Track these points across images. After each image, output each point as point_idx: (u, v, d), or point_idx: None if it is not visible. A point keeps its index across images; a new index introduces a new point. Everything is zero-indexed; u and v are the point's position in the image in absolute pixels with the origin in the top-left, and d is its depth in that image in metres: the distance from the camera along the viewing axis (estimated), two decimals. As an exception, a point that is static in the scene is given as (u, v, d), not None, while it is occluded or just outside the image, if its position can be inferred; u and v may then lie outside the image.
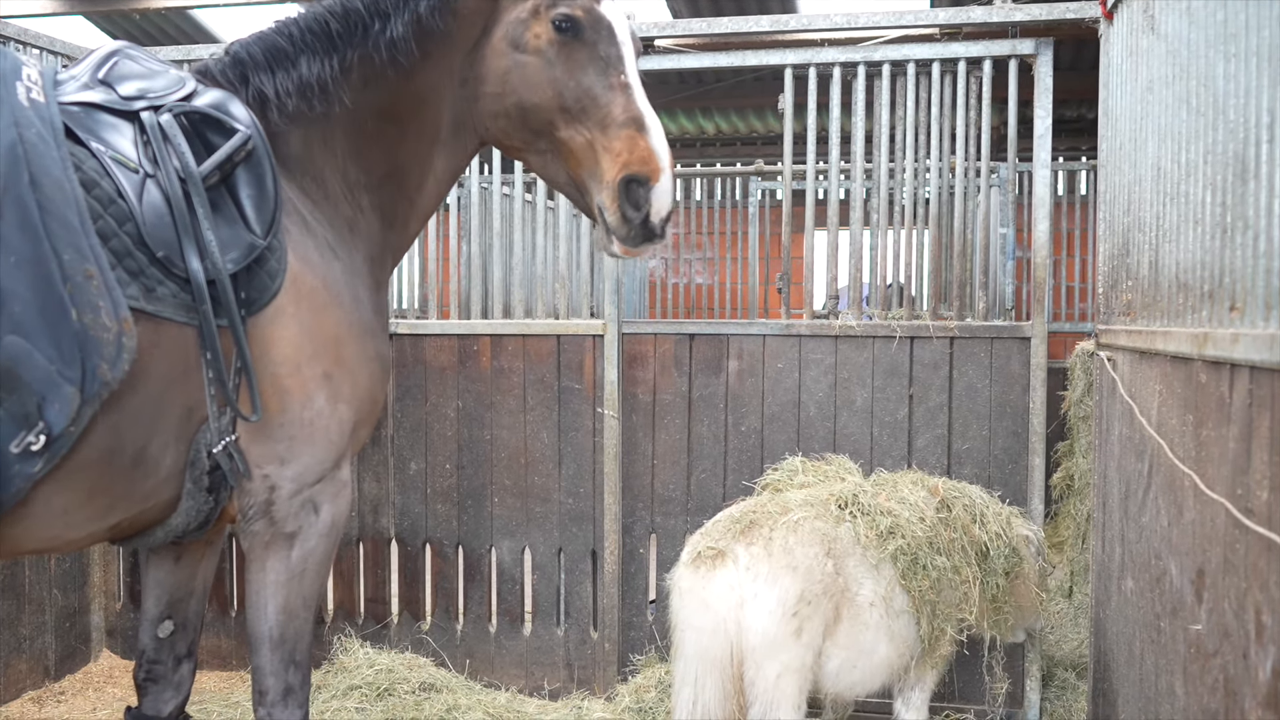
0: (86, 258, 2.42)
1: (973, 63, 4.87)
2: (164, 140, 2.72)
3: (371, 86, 3.08)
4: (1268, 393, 2.33)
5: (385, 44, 3.04)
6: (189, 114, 2.80)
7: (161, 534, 2.85)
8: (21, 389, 2.32)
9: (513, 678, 5.21)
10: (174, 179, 2.67)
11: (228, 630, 5.41)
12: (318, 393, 2.87)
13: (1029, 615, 4.10)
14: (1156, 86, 3.53)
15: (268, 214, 2.78)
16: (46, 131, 2.53)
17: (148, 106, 2.78)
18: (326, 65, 3.02)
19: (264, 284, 2.78)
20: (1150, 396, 3.45)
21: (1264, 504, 2.34)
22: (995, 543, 3.78)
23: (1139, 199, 3.78)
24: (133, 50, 3.00)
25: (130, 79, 2.86)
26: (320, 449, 2.89)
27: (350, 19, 3.05)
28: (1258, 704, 2.38)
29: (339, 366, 2.92)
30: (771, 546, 3.45)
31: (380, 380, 3.10)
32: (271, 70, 3.02)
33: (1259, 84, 2.49)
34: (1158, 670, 3.30)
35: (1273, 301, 2.36)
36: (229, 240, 2.71)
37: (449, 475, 5.26)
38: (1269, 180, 2.40)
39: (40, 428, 2.34)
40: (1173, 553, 3.13)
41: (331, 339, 2.92)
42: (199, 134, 2.80)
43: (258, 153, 2.82)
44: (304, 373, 2.85)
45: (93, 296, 2.41)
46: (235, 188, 2.79)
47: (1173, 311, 3.25)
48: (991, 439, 4.85)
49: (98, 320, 2.40)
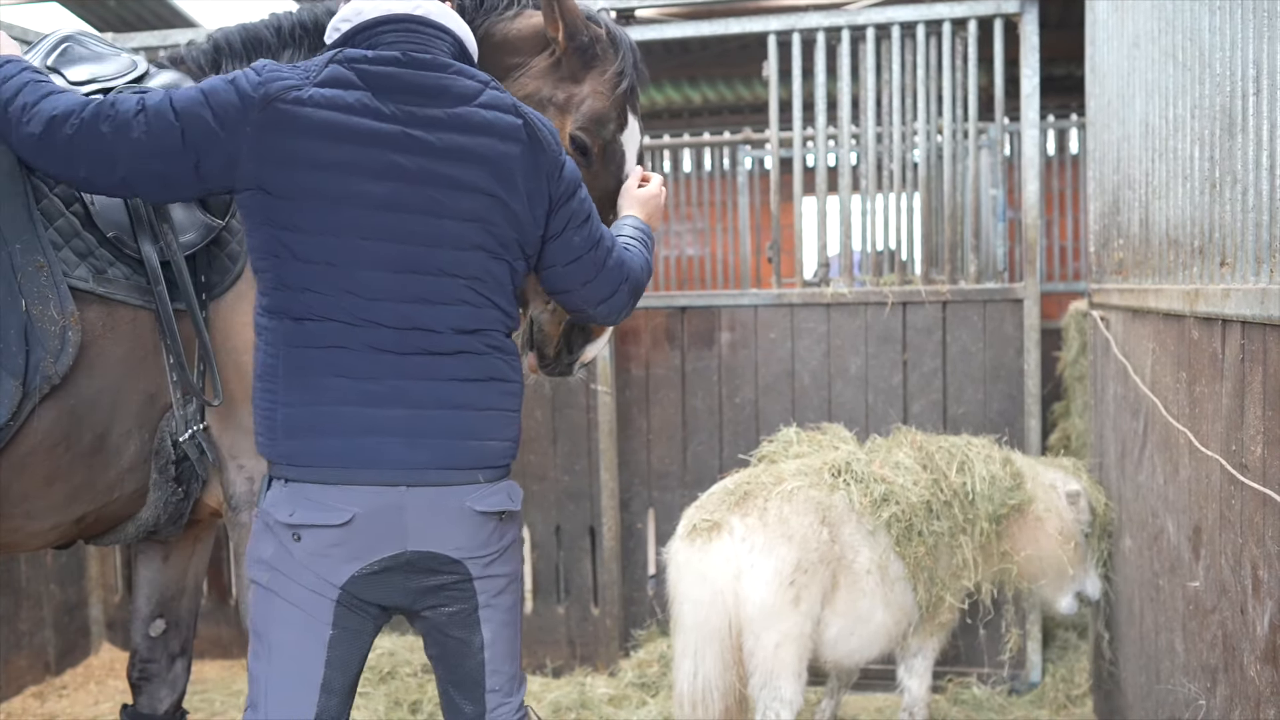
0: (36, 250, 2.42)
1: (958, 23, 4.83)
2: None
3: None
4: (1259, 347, 2.31)
5: None
6: None
7: (133, 529, 2.80)
8: None
9: (515, 656, 5.21)
10: None
11: (228, 619, 5.40)
12: None
13: (1053, 569, 3.81)
14: (1143, 41, 3.49)
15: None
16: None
17: (98, 90, 2.73)
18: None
19: (225, 267, 2.74)
20: (1144, 355, 3.43)
21: (1258, 459, 2.33)
22: (981, 486, 3.69)
23: (1128, 156, 3.76)
24: (84, 35, 2.95)
25: (81, 63, 2.82)
26: None
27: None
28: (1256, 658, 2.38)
29: None
30: (767, 517, 3.44)
31: None
32: (248, 59, 2.95)
33: (1244, 35, 2.46)
34: (1157, 628, 3.30)
35: (1263, 255, 2.34)
36: (185, 222, 2.67)
37: (444, 456, 5.24)
38: (1256, 133, 2.37)
39: None
40: (1169, 510, 3.12)
41: None
42: None
43: None
44: None
45: (42, 288, 2.41)
46: None
47: (1164, 269, 3.23)
48: (987, 402, 4.84)
49: (45, 313, 2.41)
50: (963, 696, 4.64)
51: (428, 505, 2.23)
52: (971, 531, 3.67)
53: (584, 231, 2.43)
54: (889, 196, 5.18)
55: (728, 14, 5.71)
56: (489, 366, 2.29)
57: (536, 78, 2.89)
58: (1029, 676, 4.80)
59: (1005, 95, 4.90)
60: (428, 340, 2.22)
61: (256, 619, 2.25)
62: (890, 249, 5.38)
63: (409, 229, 2.19)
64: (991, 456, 3.80)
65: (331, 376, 2.18)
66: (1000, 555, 3.78)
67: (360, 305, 2.17)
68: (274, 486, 2.23)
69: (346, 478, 2.19)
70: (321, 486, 2.19)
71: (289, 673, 2.22)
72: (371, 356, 2.19)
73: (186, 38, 5.24)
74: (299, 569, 2.19)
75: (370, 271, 2.18)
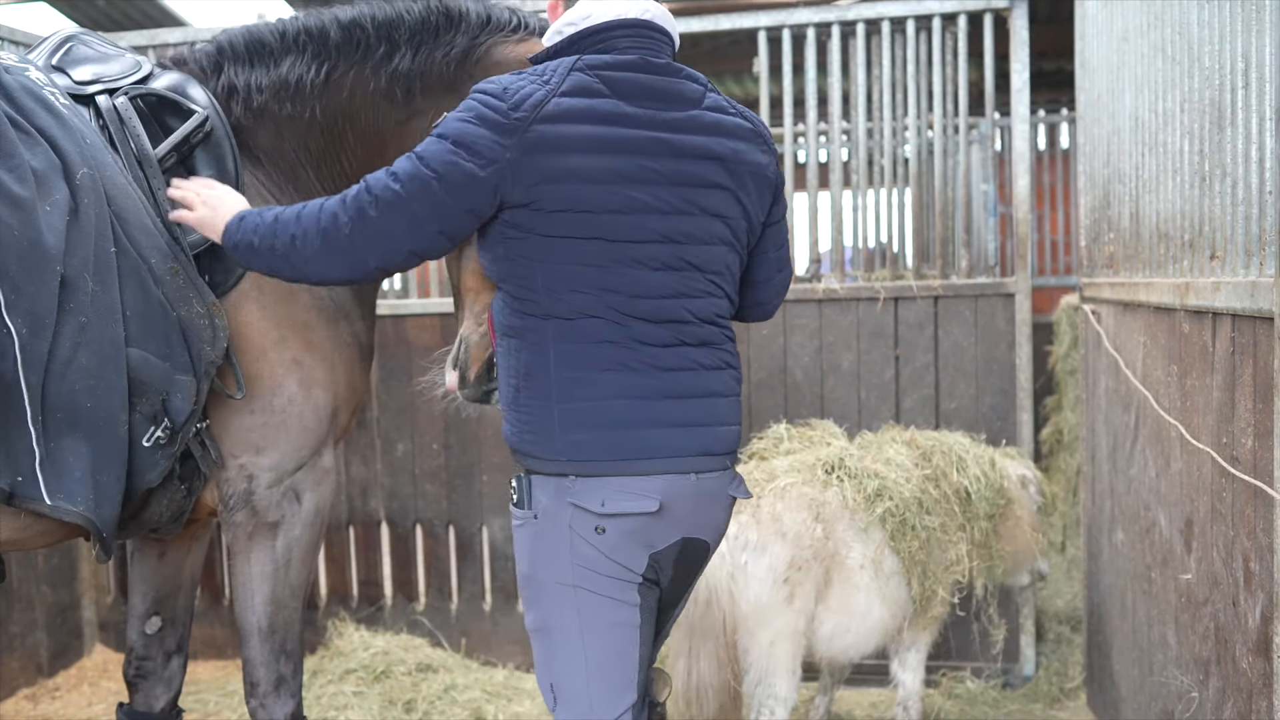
0: (168, 256, 2.62)
1: (948, 18, 4.82)
2: (120, 123, 2.72)
3: (359, 102, 2.98)
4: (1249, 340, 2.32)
5: (387, 73, 2.92)
6: (144, 96, 2.79)
7: (135, 527, 2.83)
8: (149, 392, 2.57)
9: (509, 654, 5.21)
10: (131, 161, 2.69)
11: (221, 619, 5.39)
12: (288, 379, 2.84)
13: (1025, 557, 4.01)
14: (1132, 36, 3.50)
15: None
16: (93, 137, 2.63)
17: (103, 90, 2.78)
18: (312, 70, 2.96)
19: (229, 267, 2.76)
20: (1135, 348, 3.44)
21: (1249, 451, 2.34)
22: (975, 485, 3.73)
23: (1118, 150, 3.76)
24: (88, 35, 2.98)
25: (85, 63, 2.85)
26: (296, 436, 2.85)
27: (353, 33, 2.98)
28: (1249, 650, 2.38)
29: (310, 352, 2.88)
30: (760, 514, 3.44)
31: (359, 365, 3.05)
32: (251, 65, 2.98)
33: (1233, 29, 2.47)
34: (1150, 620, 3.31)
35: (1252, 248, 2.35)
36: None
37: (437, 455, 5.24)
38: (1245, 126, 2.38)
39: (165, 424, 2.60)
40: (1161, 503, 3.13)
41: (300, 324, 2.88)
42: (156, 117, 2.79)
43: (216, 134, 2.81)
44: (271, 358, 2.82)
45: (182, 290, 2.63)
46: (194, 169, 2.79)
47: (1154, 262, 3.23)
48: (979, 397, 4.84)
49: (192, 310, 2.63)
50: (956, 691, 4.65)
51: (706, 493, 2.34)
52: (970, 530, 3.72)
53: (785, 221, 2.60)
54: (880, 192, 5.17)
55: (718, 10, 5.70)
56: (728, 355, 2.40)
57: None
58: (1022, 670, 4.80)
59: (996, 90, 4.90)
60: (681, 332, 2.31)
61: (558, 618, 2.31)
62: (882, 244, 5.38)
63: (666, 228, 2.27)
64: (980, 456, 3.85)
65: (604, 372, 2.26)
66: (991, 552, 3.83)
67: (623, 302, 2.25)
68: (554, 484, 2.27)
69: (649, 468, 2.26)
70: (628, 478, 2.25)
71: (608, 663, 2.32)
72: (638, 351, 2.27)
73: (176, 37, 5.23)
74: (603, 561, 2.27)
75: (632, 270, 2.25)
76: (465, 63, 2.88)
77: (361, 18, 2.99)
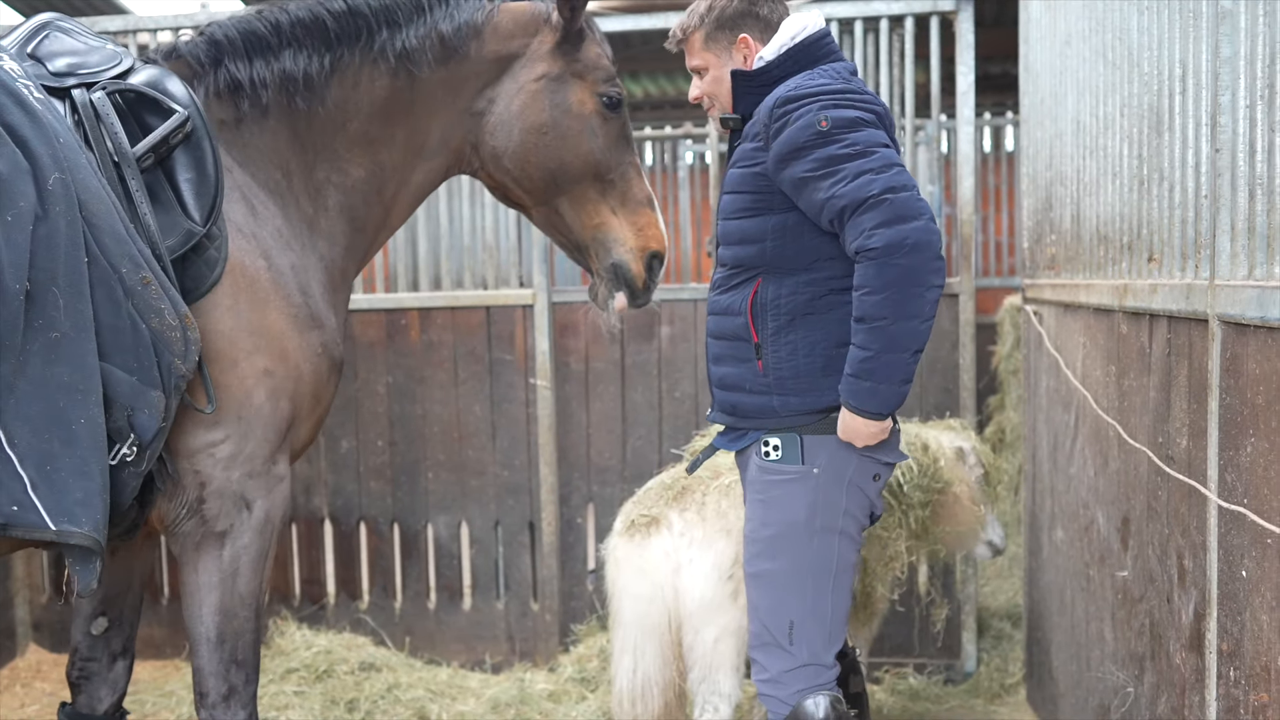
0: (140, 265, 2.47)
1: (895, 20, 4.86)
2: (96, 120, 2.59)
3: (365, 89, 3.06)
4: (1185, 342, 2.36)
5: (394, 52, 3.04)
6: (123, 92, 2.66)
7: None
8: (115, 408, 2.44)
9: (454, 653, 5.18)
10: (107, 162, 2.56)
11: (160, 619, 5.30)
12: (256, 389, 2.75)
13: (969, 535, 3.97)
14: (1074, 40, 3.55)
15: (208, 199, 2.66)
16: (67, 135, 2.49)
17: (79, 84, 2.64)
18: (316, 61, 2.98)
19: (202, 273, 2.67)
20: (1075, 349, 3.49)
21: (1184, 451, 2.38)
22: (906, 475, 3.71)
23: (1060, 153, 3.81)
24: (66, 23, 2.83)
25: (62, 55, 2.71)
26: (253, 444, 2.76)
27: (353, 21, 3.02)
28: (1182, 646, 2.43)
29: (282, 362, 2.80)
30: (705, 511, 3.44)
31: (325, 376, 2.96)
32: (249, 58, 2.94)
33: (1171, 35, 2.51)
34: (1088, 617, 3.36)
35: (1189, 252, 2.39)
36: (165, 227, 2.60)
37: (381, 452, 5.19)
38: (1182, 131, 2.42)
39: (131, 439, 2.48)
40: (1099, 502, 3.18)
41: (275, 333, 2.80)
42: (135, 114, 2.67)
43: (197, 134, 2.69)
44: (241, 368, 2.73)
45: (153, 301, 2.48)
46: (172, 171, 2.66)
47: (1094, 264, 3.28)
48: (923, 395, 4.88)
49: (164, 322, 2.49)
50: (899, 687, 4.69)
51: None
52: (905, 521, 3.71)
53: None
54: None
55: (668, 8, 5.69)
56: None
57: (545, 59, 3.21)
58: (964, 666, 4.86)
59: (942, 92, 4.95)
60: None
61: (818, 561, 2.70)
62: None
63: None
64: (912, 443, 3.82)
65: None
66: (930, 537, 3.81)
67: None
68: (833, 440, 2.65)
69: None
70: (896, 431, 2.74)
71: (840, 603, 2.76)
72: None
73: (117, 25, 5.12)
74: (866, 504, 2.75)
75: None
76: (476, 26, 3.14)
77: (359, 5, 3.03)
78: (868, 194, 2.42)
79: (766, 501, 2.74)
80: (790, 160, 2.55)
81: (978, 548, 4.08)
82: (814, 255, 2.65)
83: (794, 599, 2.71)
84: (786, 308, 2.67)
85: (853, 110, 2.53)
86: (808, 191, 2.54)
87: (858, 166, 2.45)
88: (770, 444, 2.71)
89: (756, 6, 2.77)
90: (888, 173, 2.44)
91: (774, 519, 2.72)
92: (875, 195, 2.41)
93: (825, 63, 2.71)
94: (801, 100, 2.55)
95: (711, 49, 2.81)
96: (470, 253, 5.29)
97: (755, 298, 2.71)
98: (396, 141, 3.15)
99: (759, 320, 2.71)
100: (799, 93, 2.57)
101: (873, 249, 2.40)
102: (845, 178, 2.45)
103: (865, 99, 2.59)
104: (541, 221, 3.44)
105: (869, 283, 2.43)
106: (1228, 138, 2.13)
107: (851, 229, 2.46)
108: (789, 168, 2.56)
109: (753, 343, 2.72)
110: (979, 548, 4.08)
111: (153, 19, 5.14)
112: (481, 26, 3.15)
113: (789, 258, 2.67)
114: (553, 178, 3.26)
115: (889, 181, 2.42)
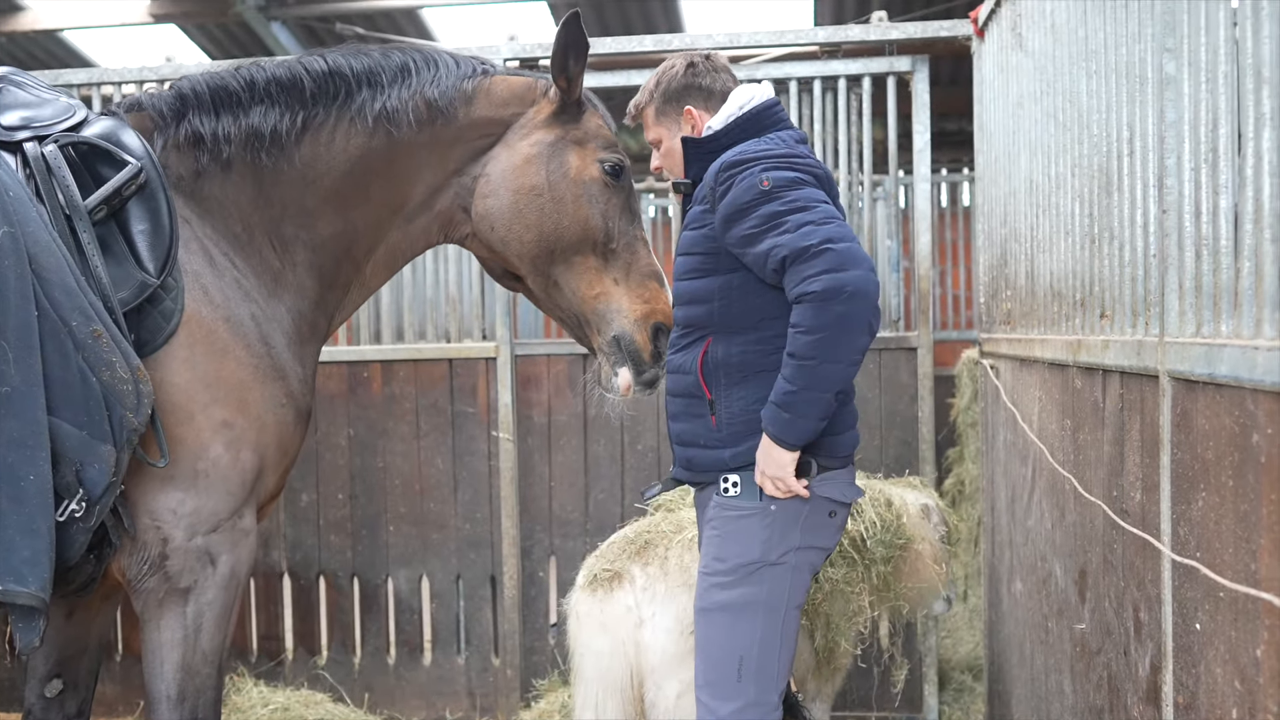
0: (90, 318, 2.46)
1: (853, 80, 4.96)
2: (48, 173, 2.58)
3: (340, 148, 3.03)
4: (1137, 397, 2.40)
5: (373, 112, 3.02)
6: (76, 145, 2.67)
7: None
8: (63, 463, 2.43)
9: (414, 709, 5.11)
10: (59, 215, 2.55)
11: (113, 676, 5.19)
12: (214, 441, 2.72)
13: (929, 592, 3.99)
14: (1026, 102, 3.63)
15: (162, 251, 2.66)
16: (17, 189, 2.49)
17: (32, 137, 2.64)
18: (287, 119, 2.97)
19: (158, 325, 2.65)
20: (1031, 403, 3.54)
21: (1138, 505, 2.41)
22: (870, 530, 3.73)
23: (1014, 211, 3.89)
24: (19, 76, 2.85)
25: (14, 108, 2.72)
26: (217, 499, 2.73)
27: (332, 81, 3.01)
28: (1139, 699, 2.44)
29: (242, 414, 2.77)
30: (667, 565, 3.44)
31: (290, 426, 2.93)
32: (216, 112, 2.93)
33: (1118, 99, 2.58)
34: (1047, 669, 3.38)
35: (1139, 309, 2.44)
36: (118, 279, 2.59)
37: (342, 505, 5.14)
38: (1131, 192, 2.48)
39: (80, 495, 2.46)
40: (1057, 554, 3.21)
41: (234, 384, 2.77)
42: (88, 166, 2.67)
43: (151, 185, 2.69)
44: (198, 421, 2.70)
45: (104, 354, 2.46)
46: (126, 223, 2.66)
47: (1049, 320, 3.34)
48: (883, 448, 4.92)
49: (115, 375, 2.47)
50: (862, 741, 4.68)
51: None
52: (868, 576, 3.71)
53: None
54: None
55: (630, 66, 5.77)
56: None
57: (542, 126, 3.17)
58: (926, 718, 4.86)
59: (899, 149, 5.05)
60: None
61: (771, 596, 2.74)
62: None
63: None
64: (875, 498, 3.85)
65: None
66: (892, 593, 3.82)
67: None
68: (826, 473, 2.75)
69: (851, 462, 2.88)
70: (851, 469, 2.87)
71: (789, 642, 2.79)
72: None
73: (81, 78, 5.12)
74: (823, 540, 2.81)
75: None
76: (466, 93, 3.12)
77: (340, 66, 3.03)
78: (809, 243, 2.50)
79: (723, 536, 2.78)
80: (735, 220, 2.65)
81: (936, 606, 4.14)
82: (760, 314, 2.74)
83: (745, 634, 2.73)
84: (737, 365, 2.75)
85: (793, 172, 2.63)
86: (752, 247, 2.62)
87: (799, 219, 2.54)
88: (730, 480, 2.77)
89: (699, 79, 2.92)
90: (829, 225, 2.53)
91: (730, 553, 2.76)
92: (816, 245, 2.49)
93: (773, 130, 2.81)
94: (745, 164, 2.65)
95: (662, 122, 2.98)
96: (433, 305, 5.30)
97: (705, 356, 2.79)
98: (371, 200, 3.10)
99: (710, 378, 2.79)
100: (743, 157, 2.68)
101: (811, 293, 2.48)
102: (787, 229, 2.54)
103: (807, 162, 2.69)
104: (540, 294, 3.28)
105: (805, 322, 2.51)
106: (1174, 199, 2.18)
107: (792, 275, 2.53)
108: (734, 227, 2.65)
109: (706, 399, 2.80)
110: (937, 605, 4.14)
111: (117, 72, 5.15)
112: (473, 94, 3.13)
113: (736, 316, 2.75)
114: (547, 243, 3.14)
115: (829, 233, 2.51)
